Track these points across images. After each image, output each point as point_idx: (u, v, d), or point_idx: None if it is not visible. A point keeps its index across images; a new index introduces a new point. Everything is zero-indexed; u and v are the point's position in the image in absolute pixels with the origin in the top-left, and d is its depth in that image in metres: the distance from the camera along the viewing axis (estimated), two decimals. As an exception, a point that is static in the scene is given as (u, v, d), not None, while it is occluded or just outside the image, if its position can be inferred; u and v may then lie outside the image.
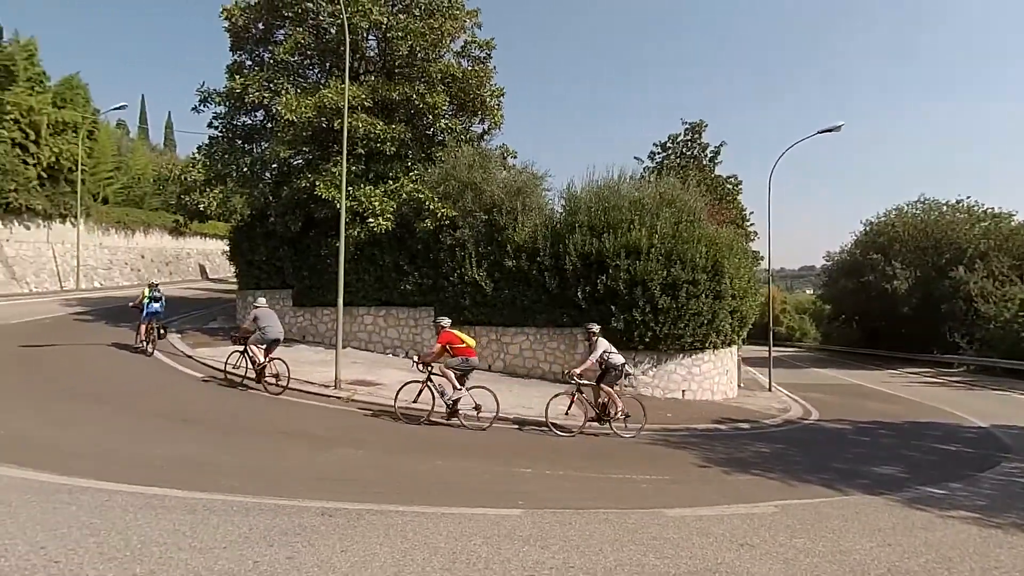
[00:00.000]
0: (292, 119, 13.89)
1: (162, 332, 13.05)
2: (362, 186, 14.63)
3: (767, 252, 24.68)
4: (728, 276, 13.39)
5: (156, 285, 13.43)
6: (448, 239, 14.74)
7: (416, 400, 8.88)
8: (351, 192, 13.90)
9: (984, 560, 4.20)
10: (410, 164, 15.87)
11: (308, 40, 15.52)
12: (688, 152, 28.55)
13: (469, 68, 16.33)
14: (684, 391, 13.57)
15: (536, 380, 13.95)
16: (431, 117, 15.80)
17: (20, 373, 9.85)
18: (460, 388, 8.83)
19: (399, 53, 15.55)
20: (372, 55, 16.63)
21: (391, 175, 15.28)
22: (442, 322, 9.27)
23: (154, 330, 12.69)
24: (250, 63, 16.68)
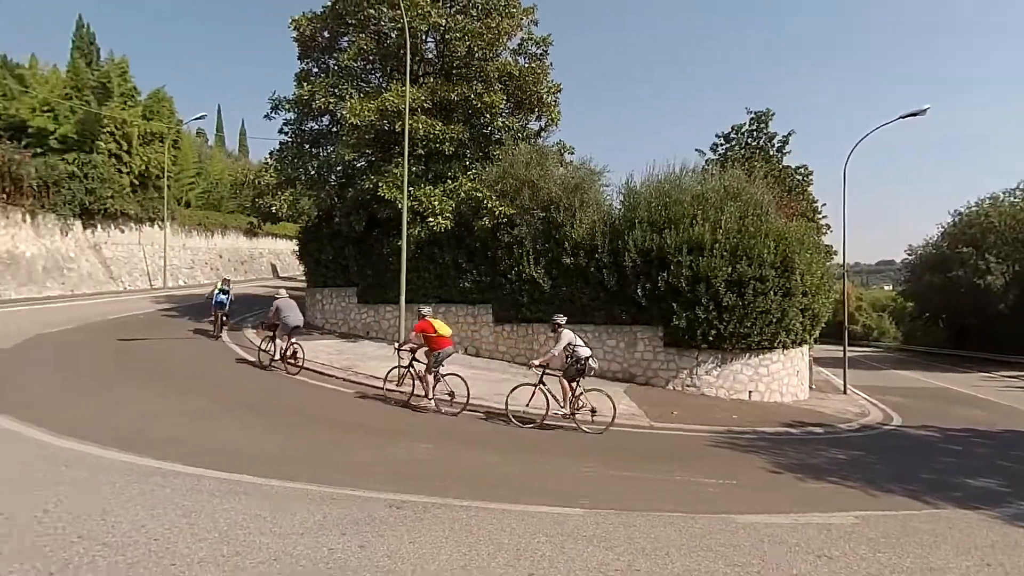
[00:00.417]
0: (356, 123, 14.40)
1: (225, 319, 15.27)
2: (422, 186, 14.97)
3: (841, 246, 23.20)
4: (799, 272, 12.75)
5: (228, 281, 15.87)
6: (506, 237, 14.83)
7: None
8: (412, 192, 14.25)
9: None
10: (468, 163, 16.11)
11: (370, 46, 16.02)
12: (753, 142, 27.32)
13: (526, 65, 16.34)
14: (751, 392, 13.04)
15: (594, 379, 13.74)
16: (488, 116, 15.95)
17: (118, 364, 10.89)
18: (435, 372, 9.43)
19: (457, 54, 15.79)
20: (431, 57, 16.96)
21: (450, 174, 15.56)
22: (422, 310, 9.99)
23: (219, 317, 15.06)
24: (316, 70, 17.43)
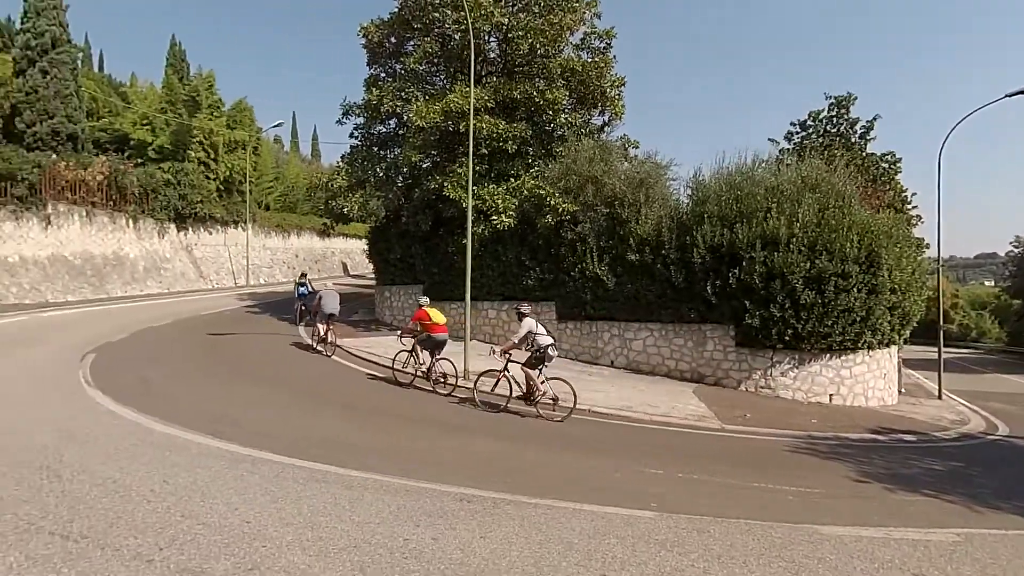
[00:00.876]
0: (422, 125, 14.76)
1: (302, 309, 16.27)
2: (486, 185, 15.13)
3: (936, 238, 21.34)
4: (886, 267, 11.84)
5: (304, 274, 17.47)
6: (569, 234, 14.73)
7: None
8: (476, 191, 14.42)
9: None
10: (531, 161, 16.13)
11: (434, 48, 16.36)
12: (833, 129, 25.66)
13: (588, 60, 16.13)
14: (831, 395, 12.28)
15: (661, 378, 13.45)
16: (551, 113, 15.88)
17: (209, 357, 11.78)
18: (432, 359, 10.05)
19: (519, 52, 15.83)
20: (493, 56, 17.08)
21: (512, 173, 15.64)
22: (420, 300, 10.54)
23: (298, 308, 16.39)
24: (384, 75, 18.01)
